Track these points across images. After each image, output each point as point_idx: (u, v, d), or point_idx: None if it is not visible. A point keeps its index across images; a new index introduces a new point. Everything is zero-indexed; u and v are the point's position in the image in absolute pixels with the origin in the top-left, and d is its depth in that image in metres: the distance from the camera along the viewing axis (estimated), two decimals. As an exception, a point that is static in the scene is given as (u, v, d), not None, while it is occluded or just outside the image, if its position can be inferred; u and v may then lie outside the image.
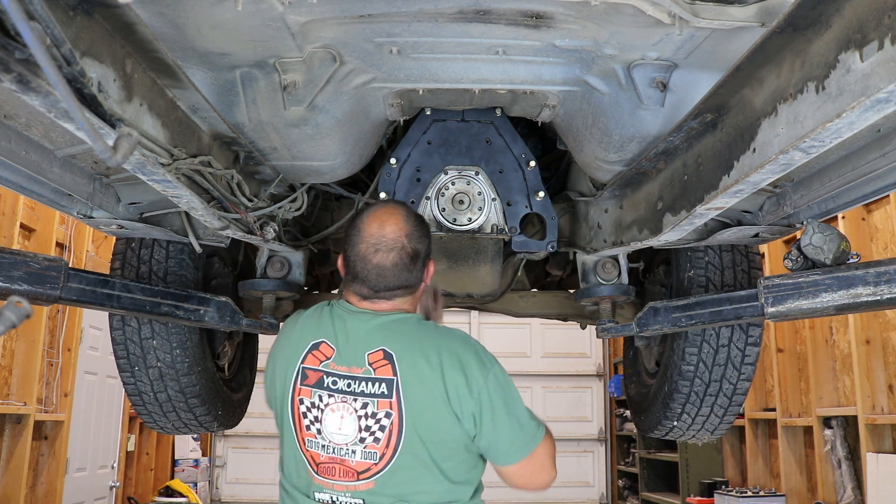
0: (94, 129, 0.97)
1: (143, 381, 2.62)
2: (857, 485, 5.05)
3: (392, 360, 1.56)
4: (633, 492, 8.46)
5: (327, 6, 1.42)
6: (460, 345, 1.61)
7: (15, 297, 0.94)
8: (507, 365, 4.39)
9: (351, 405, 1.55)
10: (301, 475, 1.61)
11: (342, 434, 1.55)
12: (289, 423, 1.62)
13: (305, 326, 1.67)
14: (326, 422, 1.56)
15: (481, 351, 1.63)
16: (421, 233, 1.67)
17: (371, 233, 1.63)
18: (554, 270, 3.08)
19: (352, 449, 1.54)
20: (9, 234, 4.73)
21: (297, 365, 1.61)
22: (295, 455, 1.62)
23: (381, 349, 1.57)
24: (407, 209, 1.71)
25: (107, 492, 6.60)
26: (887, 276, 1.88)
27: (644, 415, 2.91)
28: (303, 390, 1.60)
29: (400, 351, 1.57)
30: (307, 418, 1.59)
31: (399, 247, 1.62)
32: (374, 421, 1.54)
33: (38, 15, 0.90)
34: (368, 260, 1.62)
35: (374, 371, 1.56)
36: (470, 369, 1.56)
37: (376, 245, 1.62)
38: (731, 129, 1.57)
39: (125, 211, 2.21)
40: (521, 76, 1.77)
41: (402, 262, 1.62)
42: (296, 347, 1.64)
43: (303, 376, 1.60)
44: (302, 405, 1.59)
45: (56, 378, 5.64)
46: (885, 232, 4.83)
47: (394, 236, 1.62)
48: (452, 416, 1.55)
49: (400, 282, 1.63)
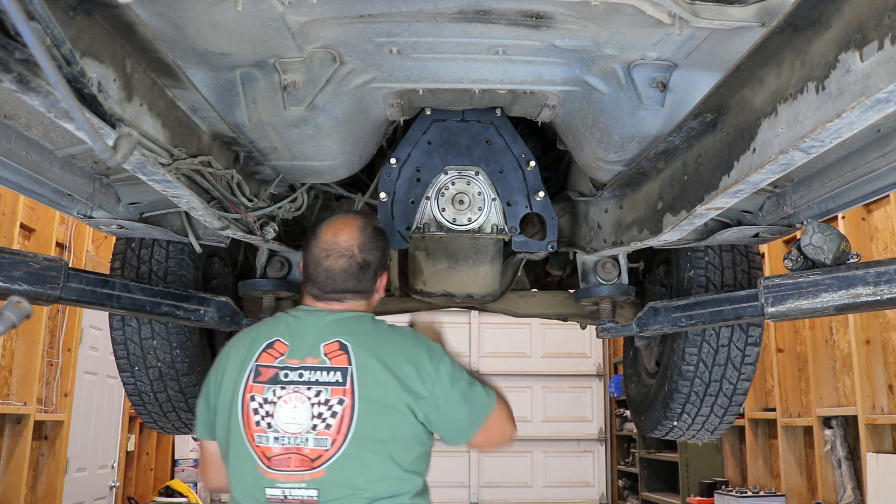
0: (94, 129, 0.97)
1: (143, 381, 2.62)
2: (857, 485, 5.05)
3: (347, 350, 1.64)
4: (633, 492, 8.46)
5: (327, 6, 1.42)
6: (412, 340, 1.71)
7: (15, 297, 0.94)
8: (507, 365, 4.47)
9: (304, 394, 1.61)
10: (247, 478, 1.62)
11: (296, 423, 1.59)
12: (236, 424, 1.64)
13: (260, 331, 1.75)
14: (279, 414, 1.60)
15: (431, 345, 1.72)
16: (374, 245, 1.78)
17: (325, 239, 1.76)
18: (554, 270, 3.08)
19: (305, 437, 1.59)
20: (9, 234, 4.73)
21: (252, 364, 1.67)
22: (240, 459, 1.63)
23: (336, 340, 1.65)
24: (365, 221, 1.82)
25: (107, 492, 6.60)
26: (887, 276, 1.88)
27: (644, 415, 2.91)
28: (255, 387, 1.64)
29: (355, 342, 1.65)
30: (258, 414, 1.62)
31: (349, 255, 1.74)
32: (327, 408, 1.59)
33: (38, 15, 0.90)
34: (319, 263, 1.74)
35: (330, 360, 1.63)
36: (422, 362, 1.65)
37: (328, 251, 1.74)
38: (731, 129, 1.57)
39: (125, 211, 2.21)
40: (521, 76, 1.77)
41: (350, 269, 1.73)
42: (249, 350, 1.70)
43: (256, 373, 1.65)
44: (253, 402, 1.63)
45: (56, 378, 5.64)
46: (885, 232, 4.83)
47: (345, 245, 1.74)
48: (405, 407, 1.62)
49: (347, 287, 1.74)
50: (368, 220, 1.84)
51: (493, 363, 8.93)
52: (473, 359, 8.92)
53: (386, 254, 1.83)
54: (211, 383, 1.74)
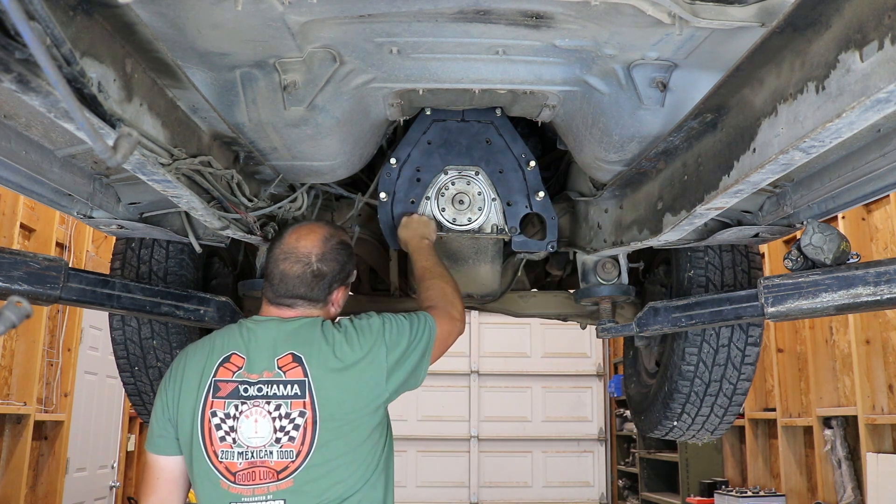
0: (94, 129, 0.97)
1: (143, 381, 2.62)
2: (857, 485, 5.05)
3: (301, 362, 1.66)
4: (633, 492, 8.46)
5: (327, 6, 1.42)
6: (349, 323, 1.76)
7: (15, 297, 0.94)
8: (506, 365, 4.47)
9: (264, 408, 1.63)
10: (211, 494, 1.63)
11: (259, 437, 1.62)
12: (198, 441, 1.64)
13: (215, 343, 1.74)
14: (242, 428, 1.62)
15: (364, 316, 1.79)
16: (333, 257, 1.80)
17: (287, 242, 1.80)
18: (554, 270, 3.08)
19: (269, 450, 1.61)
20: (9, 234, 4.73)
21: (210, 379, 1.67)
22: (203, 475, 1.64)
23: (289, 353, 1.67)
24: (331, 233, 1.84)
25: (107, 492, 6.60)
26: (887, 276, 1.88)
27: (644, 415, 2.91)
28: (215, 402, 1.65)
29: (308, 353, 1.67)
30: (221, 430, 1.63)
31: (305, 262, 1.76)
32: (289, 421, 1.62)
33: (38, 15, 0.90)
34: (277, 265, 1.78)
35: (285, 374, 1.65)
36: (363, 334, 1.72)
37: (287, 254, 1.78)
38: (731, 129, 1.57)
39: (125, 211, 2.21)
40: (521, 76, 1.77)
41: (304, 276, 1.76)
42: (206, 364, 1.70)
43: (215, 389, 1.66)
44: (214, 417, 1.64)
45: (56, 378, 5.64)
46: (885, 232, 4.83)
47: (304, 251, 1.77)
48: (366, 406, 1.67)
49: (298, 292, 1.76)
50: (335, 232, 1.86)
51: (493, 363, 8.94)
52: (473, 359, 8.92)
53: (346, 268, 1.83)
54: (168, 396, 1.72)
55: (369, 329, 1.74)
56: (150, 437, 1.74)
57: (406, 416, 8.55)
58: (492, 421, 8.87)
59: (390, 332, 1.75)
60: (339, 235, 1.87)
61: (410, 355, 1.76)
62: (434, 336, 1.82)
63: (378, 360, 1.70)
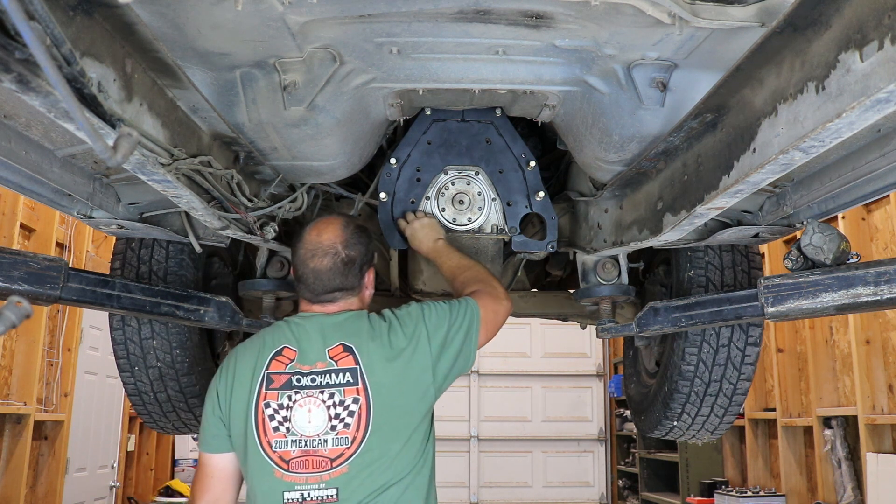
0: (94, 129, 0.97)
1: (143, 381, 2.62)
2: (857, 485, 5.05)
3: (352, 352, 1.72)
4: (633, 492, 8.46)
5: (327, 6, 1.42)
6: (391, 314, 1.82)
7: (15, 297, 0.94)
8: (506, 365, 4.47)
9: (317, 398, 1.68)
10: (265, 486, 1.67)
11: (312, 426, 1.66)
12: (252, 433, 1.69)
13: (265, 340, 1.80)
14: (296, 418, 1.67)
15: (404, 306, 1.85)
16: (357, 241, 1.85)
17: (310, 240, 1.83)
18: (554, 270, 3.08)
19: (323, 439, 1.66)
20: (9, 234, 4.73)
21: (262, 372, 1.72)
22: (258, 466, 1.68)
23: (340, 344, 1.73)
24: (346, 220, 1.89)
25: (107, 492, 6.60)
26: (887, 276, 1.88)
27: (644, 415, 2.91)
28: (269, 394, 1.70)
29: (358, 343, 1.73)
30: (274, 420, 1.68)
31: (333, 252, 1.80)
32: (343, 408, 1.67)
33: (38, 15, 0.90)
34: (306, 264, 1.81)
35: (337, 363, 1.70)
36: (405, 322, 1.77)
37: (313, 251, 1.81)
38: (731, 129, 1.57)
39: (125, 211, 2.21)
40: (521, 76, 1.77)
41: (336, 267, 1.80)
42: (258, 359, 1.75)
43: (268, 381, 1.71)
44: (268, 409, 1.69)
45: (56, 378, 5.64)
46: (885, 232, 4.83)
47: (329, 243, 1.81)
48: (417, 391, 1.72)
49: (335, 284, 1.81)
50: (349, 219, 1.92)
51: (493, 363, 8.94)
52: (473, 359, 8.92)
53: (370, 249, 1.89)
54: (219, 395, 1.77)
55: (409, 317, 1.79)
56: (203, 437, 1.80)
57: (406, 416, 8.55)
58: (492, 421, 8.88)
59: (430, 318, 1.79)
60: (354, 221, 1.93)
61: (454, 339, 1.80)
62: (478, 317, 1.85)
63: (422, 345, 1.75)
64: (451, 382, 1.81)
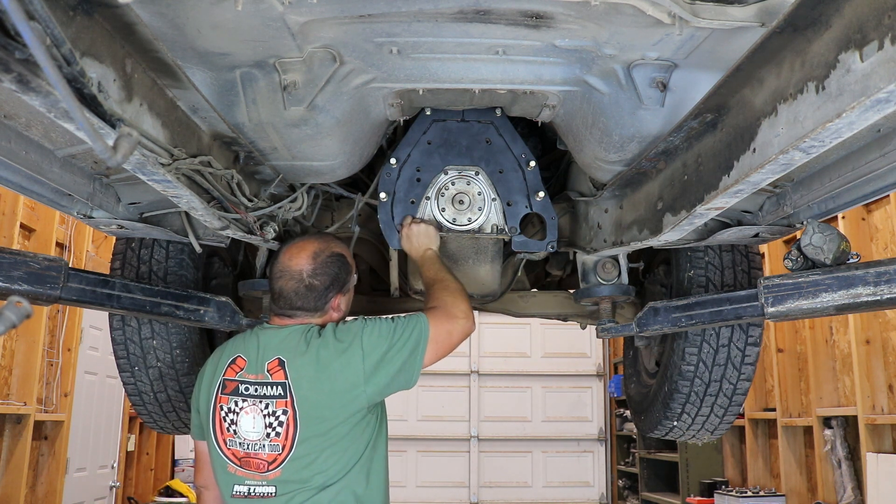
0: (94, 129, 0.97)
1: (143, 381, 2.62)
2: (857, 485, 5.05)
3: (283, 366, 1.84)
4: (633, 492, 8.46)
5: (327, 6, 1.42)
6: (332, 329, 1.89)
7: (15, 297, 0.94)
8: (506, 365, 4.47)
9: (258, 407, 1.84)
10: (222, 476, 1.89)
11: (254, 431, 1.83)
12: (210, 430, 1.90)
13: (232, 345, 1.97)
14: (241, 423, 1.85)
15: (349, 320, 1.93)
16: (325, 270, 1.95)
17: (281, 261, 1.98)
18: (554, 270, 3.08)
19: (262, 444, 1.83)
20: (9, 234, 4.73)
21: (220, 377, 1.91)
22: (217, 459, 1.89)
23: (276, 358, 1.86)
24: (320, 248, 1.98)
25: (107, 492, 6.60)
26: (887, 276, 1.88)
27: (644, 415, 2.91)
28: (223, 398, 1.89)
29: (290, 357, 1.85)
30: (227, 421, 1.87)
31: (298, 278, 1.93)
32: (275, 418, 1.82)
33: (38, 15, 0.90)
34: (274, 281, 1.97)
35: (272, 376, 1.85)
36: (340, 339, 1.85)
37: (281, 272, 1.96)
38: (731, 129, 1.57)
39: (125, 211, 2.21)
40: (521, 76, 1.76)
41: (298, 290, 1.93)
42: (219, 363, 1.94)
43: (223, 386, 1.90)
44: (222, 410, 1.88)
45: (56, 378, 5.64)
46: (885, 232, 4.83)
47: (296, 269, 1.94)
48: (344, 405, 1.81)
49: (296, 304, 1.94)
50: (326, 245, 2.00)
51: (493, 363, 8.94)
52: (473, 359, 8.92)
53: (339, 278, 1.98)
54: (196, 390, 2.00)
55: (347, 333, 1.87)
56: (191, 425, 2.04)
57: (406, 416, 8.56)
58: (492, 421, 8.87)
59: (369, 335, 1.86)
60: (331, 248, 2.01)
61: (395, 357, 1.86)
62: (426, 335, 1.90)
63: (353, 362, 1.82)
64: (390, 395, 1.89)
